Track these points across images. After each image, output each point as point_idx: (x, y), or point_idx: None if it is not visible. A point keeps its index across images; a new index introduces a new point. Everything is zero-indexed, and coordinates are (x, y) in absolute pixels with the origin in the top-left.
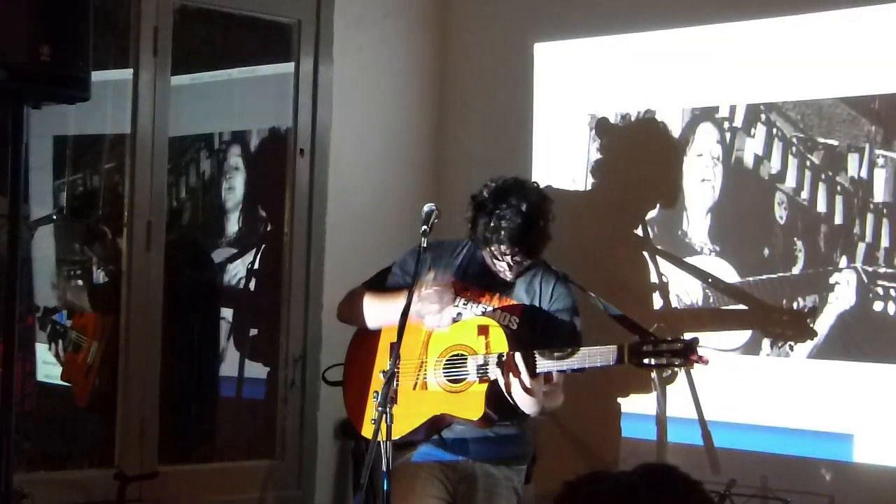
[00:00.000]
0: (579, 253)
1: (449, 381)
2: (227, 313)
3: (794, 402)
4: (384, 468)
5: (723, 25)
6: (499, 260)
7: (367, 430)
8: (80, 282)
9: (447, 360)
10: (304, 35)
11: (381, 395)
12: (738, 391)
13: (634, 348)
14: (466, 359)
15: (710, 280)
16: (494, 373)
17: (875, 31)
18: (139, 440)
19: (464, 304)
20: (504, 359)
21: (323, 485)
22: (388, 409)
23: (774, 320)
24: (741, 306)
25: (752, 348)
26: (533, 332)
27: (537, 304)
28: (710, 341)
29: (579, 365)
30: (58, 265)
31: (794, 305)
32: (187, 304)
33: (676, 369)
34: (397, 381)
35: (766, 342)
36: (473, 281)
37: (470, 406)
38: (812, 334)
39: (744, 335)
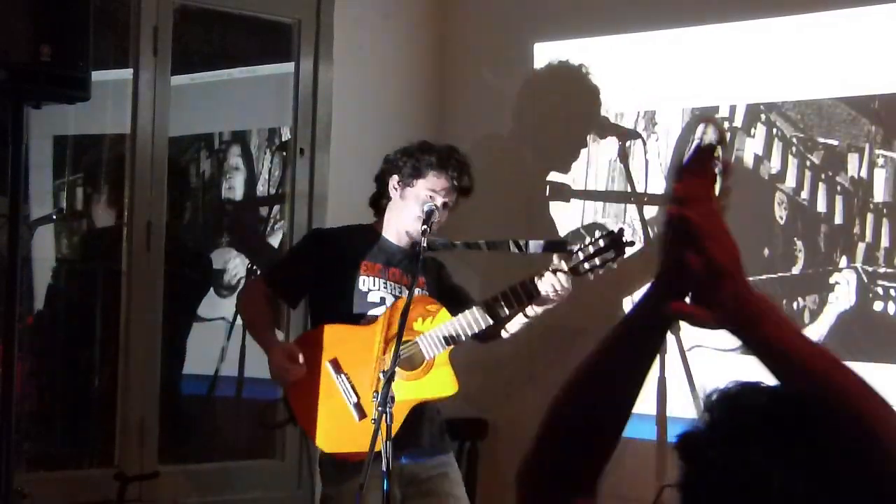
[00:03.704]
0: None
1: (407, 370)
2: (227, 313)
3: None
4: (384, 468)
5: (723, 25)
6: (430, 196)
7: (321, 441)
8: None
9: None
10: (304, 35)
11: (380, 396)
12: None
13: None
14: (415, 342)
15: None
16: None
17: (875, 31)
18: (139, 440)
19: (373, 284)
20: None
21: None
22: (388, 410)
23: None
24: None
25: None
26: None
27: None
28: (710, 341)
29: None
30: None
31: (794, 306)
32: (186, 303)
33: (612, 265)
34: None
35: None
36: (376, 261)
37: (442, 382)
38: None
39: None
